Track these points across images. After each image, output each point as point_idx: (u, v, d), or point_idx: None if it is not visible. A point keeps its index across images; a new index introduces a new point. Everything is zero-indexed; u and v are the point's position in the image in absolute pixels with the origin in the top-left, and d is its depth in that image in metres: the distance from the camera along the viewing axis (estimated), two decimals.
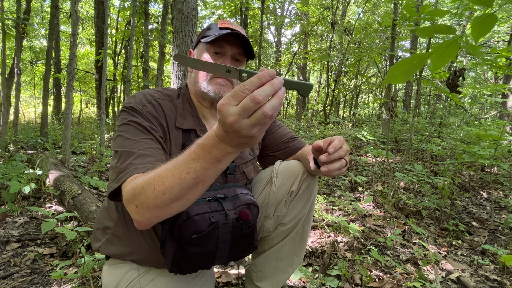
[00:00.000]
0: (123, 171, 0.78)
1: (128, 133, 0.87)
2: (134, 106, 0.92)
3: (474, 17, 0.61)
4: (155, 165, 0.77)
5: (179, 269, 0.90)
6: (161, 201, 0.66)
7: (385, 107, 5.92)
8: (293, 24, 11.25)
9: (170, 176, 0.65)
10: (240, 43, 1.02)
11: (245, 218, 0.92)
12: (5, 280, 1.45)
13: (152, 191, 0.66)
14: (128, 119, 0.90)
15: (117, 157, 0.83)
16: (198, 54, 1.05)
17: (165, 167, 0.67)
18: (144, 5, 6.19)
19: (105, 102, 4.06)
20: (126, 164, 0.79)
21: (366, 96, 16.93)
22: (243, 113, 0.54)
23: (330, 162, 0.82)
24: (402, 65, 0.66)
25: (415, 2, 2.85)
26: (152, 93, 1.00)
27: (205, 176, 0.64)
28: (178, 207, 0.69)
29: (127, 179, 0.76)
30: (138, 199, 0.69)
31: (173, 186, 0.65)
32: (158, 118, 0.94)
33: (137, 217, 0.71)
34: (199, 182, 0.65)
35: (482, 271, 1.77)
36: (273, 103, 0.55)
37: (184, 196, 0.66)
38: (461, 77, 2.82)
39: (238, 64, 1.05)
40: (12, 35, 4.45)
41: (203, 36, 1.04)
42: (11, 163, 2.61)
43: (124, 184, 0.75)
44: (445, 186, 2.74)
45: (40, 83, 10.44)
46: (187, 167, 0.63)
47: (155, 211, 0.68)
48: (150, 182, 0.67)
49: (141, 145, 0.84)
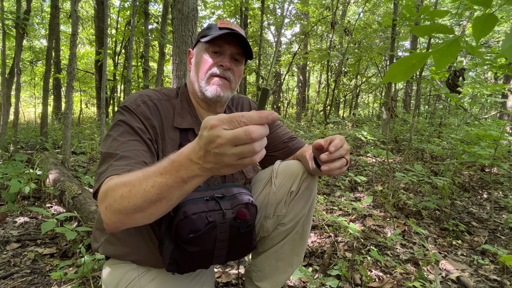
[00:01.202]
0: (103, 173, 0.78)
1: (116, 134, 0.88)
2: (128, 106, 0.93)
3: (475, 17, 0.61)
4: (134, 168, 0.76)
5: (177, 269, 0.90)
6: (125, 208, 0.64)
7: (385, 107, 5.92)
8: (293, 24, 11.25)
9: (137, 185, 0.63)
10: (239, 43, 1.03)
11: (242, 218, 0.92)
12: (5, 280, 1.45)
13: (120, 196, 0.65)
14: (118, 118, 0.92)
15: (101, 158, 0.84)
16: (198, 53, 1.05)
17: (136, 175, 0.65)
18: (144, 5, 6.18)
19: (105, 102, 4.06)
20: (107, 166, 0.79)
21: (366, 96, 16.93)
22: (233, 140, 0.51)
23: (331, 161, 0.82)
24: (401, 63, 0.66)
25: (415, 2, 2.85)
26: (149, 93, 1.00)
27: (169, 193, 0.61)
28: (142, 219, 0.66)
29: (104, 180, 0.76)
30: (108, 201, 0.68)
31: (137, 196, 0.62)
32: (151, 119, 0.94)
33: (105, 218, 0.70)
34: (162, 198, 0.61)
35: (482, 271, 1.76)
36: (262, 143, 0.54)
37: (147, 209, 0.63)
38: (461, 77, 2.82)
39: (237, 63, 1.05)
40: (12, 35, 4.45)
41: (202, 35, 1.04)
42: (11, 163, 2.61)
43: (102, 185, 0.75)
44: (445, 186, 2.74)
45: (40, 83, 10.44)
46: (153, 180, 0.61)
47: (120, 216, 0.66)
48: (120, 187, 0.66)
49: (125, 146, 0.84)
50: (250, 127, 0.51)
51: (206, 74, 1.01)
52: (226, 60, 1.02)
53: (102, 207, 0.69)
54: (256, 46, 8.40)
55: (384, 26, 5.43)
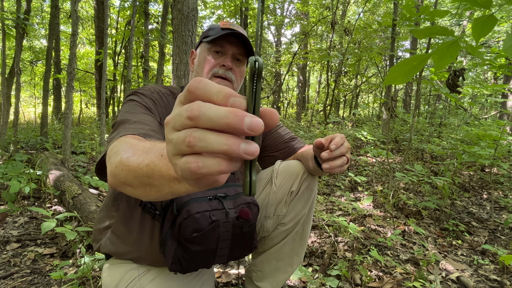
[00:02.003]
0: (114, 136, 0.72)
1: (129, 108, 0.90)
2: (141, 91, 0.97)
3: (474, 18, 0.61)
4: (148, 132, 0.72)
5: (180, 268, 0.90)
6: (118, 174, 0.54)
7: (385, 107, 5.92)
8: (293, 24, 11.25)
9: (136, 157, 0.51)
10: (241, 43, 1.03)
11: (245, 217, 0.92)
12: (5, 280, 1.45)
13: (118, 160, 0.56)
14: (131, 98, 0.94)
15: (114, 128, 0.82)
16: (200, 54, 1.07)
17: (142, 144, 0.56)
18: (144, 5, 6.19)
19: (105, 102, 4.06)
20: (119, 130, 0.75)
21: (366, 96, 16.93)
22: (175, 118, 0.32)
23: (332, 159, 0.82)
24: (402, 66, 0.66)
25: (415, 2, 2.85)
26: (159, 88, 1.04)
27: (159, 184, 0.45)
28: (130, 192, 0.55)
29: (115, 141, 0.67)
30: (110, 159, 0.60)
31: (130, 170, 0.51)
32: (162, 106, 0.97)
33: (108, 176, 0.59)
34: (151, 184, 0.47)
35: (482, 271, 1.77)
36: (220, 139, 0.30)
37: (136, 187, 0.51)
38: (461, 77, 2.82)
39: (239, 64, 1.06)
40: (12, 35, 4.45)
41: (205, 36, 1.06)
42: (11, 163, 2.61)
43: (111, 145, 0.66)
44: (445, 186, 2.74)
45: (40, 83, 10.44)
46: (151, 158, 0.47)
47: (114, 181, 0.56)
48: (124, 149, 0.57)
49: (139, 115, 0.85)
50: (196, 102, 0.31)
51: (208, 74, 1.03)
52: (228, 60, 1.02)
53: (107, 163, 0.61)
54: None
55: (384, 26, 5.43)
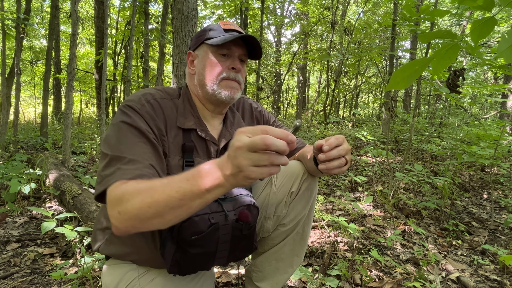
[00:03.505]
0: (110, 175, 0.77)
1: (121, 136, 0.85)
2: (132, 106, 0.90)
3: (474, 20, 0.61)
4: (143, 172, 0.77)
5: (179, 270, 0.90)
6: (144, 213, 0.66)
7: (385, 107, 5.92)
8: (293, 24, 11.25)
9: (161, 191, 0.65)
10: (244, 43, 1.01)
11: (245, 219, 0.92)
12: (5, 280, 1.45)
13: (139, 202, 0.66)
14: (123, 119, 0.88)
15: (106, 160, 0.82)
16: (204, 56, 1.01)
17: (160, 181, 0.68)
18: (144, 5, 6.18)
19: (105, 102, 4.05)
20: (114, 169, 0.78)
21: (366, 96, 16.93)
22: (250, 145, 0.57)
23: (329, 161, 0.82)
24: (404, 70, 0.66)
25: (415, 2, 2.85)
26: (152, 92, 0.98)
27: (191, 201, 0.64)
28: (157, 224, 0.69)
29: (113, 183, 0.75)
30: (123, 206, 0.68)
31: (159, 202, 0.65)
32: (155, 119, 0.92)
33: (116, 223, 0.70)
34: (183, 205, 0.64)
35: (482, 271, 1.77)
36: (281, 159, 0.59)
37: (166, 215, 0.66)
38: (461, 77, 2.82)
39: (243, 64, 1.03)
40: (12, 35, 4.45)
41: (207, 37, 1.01)
42: (11, 163, 2.61)
43: (111, 188, 0.74)
44: (445, 186, 2.74)
45: (40, 83, 10.43)
46: (178, 185, 0.64)
47: (135, 222, 0.68)
48: (140, 192, 0.68)
49: (132, 149, 0.82)
50: (267, 136, 0.56)
51: (217, 78, 0.98)
52: (237, 63, 0.99)
53: (115, 211, 0.70)
54: None
55: (384, 26, 5.43)
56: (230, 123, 1.09)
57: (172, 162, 0.93)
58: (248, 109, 1.21)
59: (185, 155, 0.96)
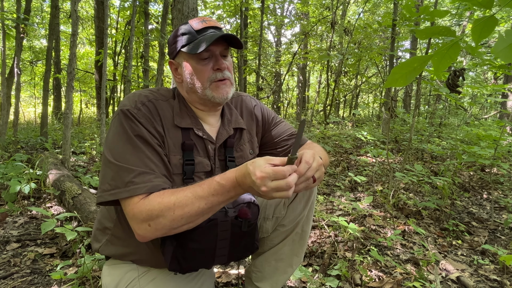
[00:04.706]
0: (122, 187, 0.82)
1: (126, 144, 0.86)
2: (130, 110, 0.90)
3: (474, 19, 0.61)
4: (155, 182, 0.84)
5: (179, 267, 0.90)
6: (177, 224, 0.78)
7: (385, 107, 5.92)
8: (293, 24, 11.24)
9: (190, 204, 0.78)
10: (221, 38, 0.97)
11: (244, 216, 0.92)
12: (5, 280, 1.46)
13: (171, 215, 0.77)
14: (124, 126, 0.88)
15: (113, 169, 0.84)
16: (185, 65, 0.99)
17: (184, 195, 0.79)
18: (144, 5, 6.18)
19: (105, 102, 4.06)
20: (126, 181, 0.83)
21: (366, 96, 16.92)
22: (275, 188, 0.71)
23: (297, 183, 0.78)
24: (403, 68, 0.65)
25: (415, 2, 2.85)
26: (147, 94, 0.97)
27: (218, 206, 0.81)
28: (187, 228, 0.81)
29: (129, 198, 0.82)
30: (154, 220, 0.78)
31: (192, 213, 0.78)
32: (153, 121, 0.92)
33: (145, 234, 0.80)
34: (211, 211, 0.81)
35: (482, 271, 1.77)
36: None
37: (197, 220, 0.80)
38: (461, 77, 2.82)
39: (226, 58, 1.00)
40: (12, 35, 4.45)
41: (182, 45, 0.97)
42: (11, 163, 2.61)
43: (132, 204, 0.81)
44: (445, 186, 2.74)
45: (40, 83, 10.43)
46: (206, 199, 0.78)
47: (167, 231, 0.80)
48: (169, 207, 0.78)
49: (141, 161, 0.85)
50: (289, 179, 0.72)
51: (206, 82, 0.97)
52: (221, 62, 0.97)
53: (143, 225, 0.79)
54: (256, 46, 8.40)
55: (384, 26, 5.43)
56: (227, 120, 1.09)
57: (172, 161, 0.93)
58: (247, 107, 1.20)
59: (185, 154, 0.95)
